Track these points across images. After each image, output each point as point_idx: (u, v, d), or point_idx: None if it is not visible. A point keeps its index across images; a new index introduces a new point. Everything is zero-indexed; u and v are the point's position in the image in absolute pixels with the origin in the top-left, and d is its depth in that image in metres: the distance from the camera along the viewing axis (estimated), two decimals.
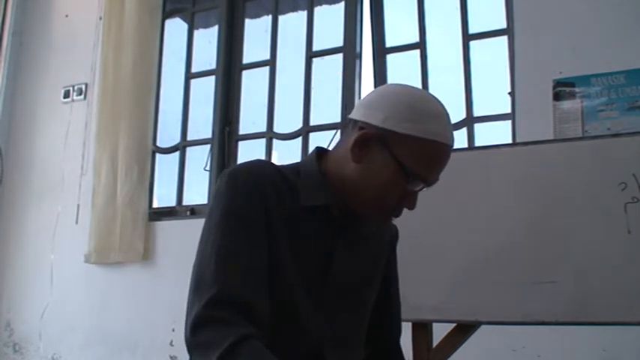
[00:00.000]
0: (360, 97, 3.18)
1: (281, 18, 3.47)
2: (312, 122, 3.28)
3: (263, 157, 3.35)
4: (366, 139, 1.15)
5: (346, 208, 1.22)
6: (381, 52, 3.20)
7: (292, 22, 3.46)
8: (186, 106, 3.60)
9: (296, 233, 1.18)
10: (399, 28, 3.24)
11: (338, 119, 3.12)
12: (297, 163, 1.27)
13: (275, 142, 3.38)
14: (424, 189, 1.19)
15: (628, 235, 1.63)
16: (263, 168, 1.20)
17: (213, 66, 3.54)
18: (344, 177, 1.19)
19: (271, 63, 3.44)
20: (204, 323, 1.07)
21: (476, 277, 1.76)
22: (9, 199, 3.85)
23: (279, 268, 1.15)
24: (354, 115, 1.20)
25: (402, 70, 3.18)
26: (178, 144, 3.57)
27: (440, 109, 1.17)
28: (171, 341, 3.15)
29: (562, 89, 2.54)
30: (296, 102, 3.31)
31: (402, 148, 1.13)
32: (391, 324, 1.41)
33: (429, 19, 3.09)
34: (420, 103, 1.16)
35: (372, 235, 1.32)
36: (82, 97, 3.77)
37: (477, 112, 2.92)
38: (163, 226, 3.41)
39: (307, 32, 3.35)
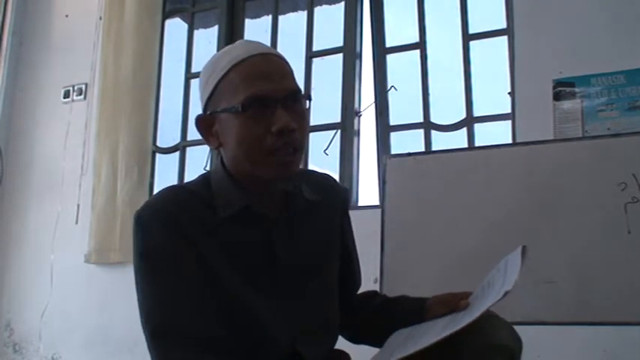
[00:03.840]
0: (360, 97, 3.18)
1: (281, 18, 3.47)
2: (312, 122, 3.26)
3: None
4: (200, 125, 1.18)
5: (269, 199, 1.19)
6: (381, 52, 3.20)
7: (292, 22, 3.46)
8: (186, 106, 3.60)
9: (229, 244, 1.14)
10: (399, 28, 3.24)
11: (338, 119, 3.13)
12: (207, 173, 1.23)
13: None
14: (287, 103, 1.13)
15: (628, 235, 1.64)
16: (170, 197, 1.16)
17: None
18: (231, 165, 1.17)
19: None
20: None
21: (475, 277, 1.75)
22: (9, 199, 3.84)
23: (225, 288, 1.12)
24: None
25: (402, 70, 3.18)
26: (178, 144, 3.58)
27: (225, 49, 1.19)
28: None
29: (562, 89, 2.54)
30: None
31: (221, 101, 1.14)
32: (355, 284, 1.41)
33: (429, 19, 3.09)
34: (207, 63, 1.19)
35: (314, 214, 1.26)
36: (82, 97, 3.76)
37: (477, 112, 2.92)
38: None
39: (307, 32, 3.34)
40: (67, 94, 3.81)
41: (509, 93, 2.72)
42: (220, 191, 1.17)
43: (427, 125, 3.02)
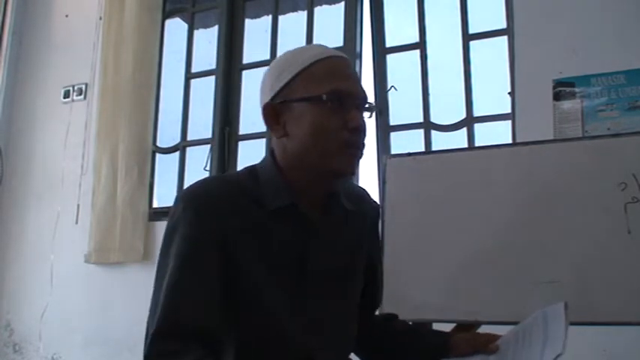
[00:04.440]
0: None
1: (281, 18, 3.47)
2: None
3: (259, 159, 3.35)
4: (268, 111, 1.18)
5: (313, 200, 1.20)
6: (381, 52, 3.20)
7: (292, 22, 3.46)
8: (186, 106, 3.60)
9: (264, 240, 1.15)
10: (399, 28, 3.24)
11: None
12: (255, 165, 1.25)
13: None
14: (361, 107, 1.18)
15: (628, 235, 1.63)
16: (218, 187, 1.17)
17: (213, 66, 3.53)
18: (291, 158, 1.19)
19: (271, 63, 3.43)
20: (156, 358, 1.09)
21: (476, 277, 1.75)
22: (9, 199, 3.85)
23: (250, 285, 1.13)
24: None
25: (402, 70, 3.18)
26: (178, 144, 3.57)
27: (302, 47, 1.24)
28: None
29: (562, 89, 2.54)
30: None
31: (299, 90, 1.16)
32: (375, 301, 1.42)
33: (429, 19, 3.09)
34: (283, 57, 1.23)
35: (348, 222, 1.27)
36: (82, 97, 3.77)
37: (477, 112, 2.92)
38: (163, 226, 3.38)
39: (307, 32, 3.34)
40: (67, 94, 3.81)
41: (509, 93, 2.72)
42: (268, 183, 1.19)
43: (427, 125, 3.02)
